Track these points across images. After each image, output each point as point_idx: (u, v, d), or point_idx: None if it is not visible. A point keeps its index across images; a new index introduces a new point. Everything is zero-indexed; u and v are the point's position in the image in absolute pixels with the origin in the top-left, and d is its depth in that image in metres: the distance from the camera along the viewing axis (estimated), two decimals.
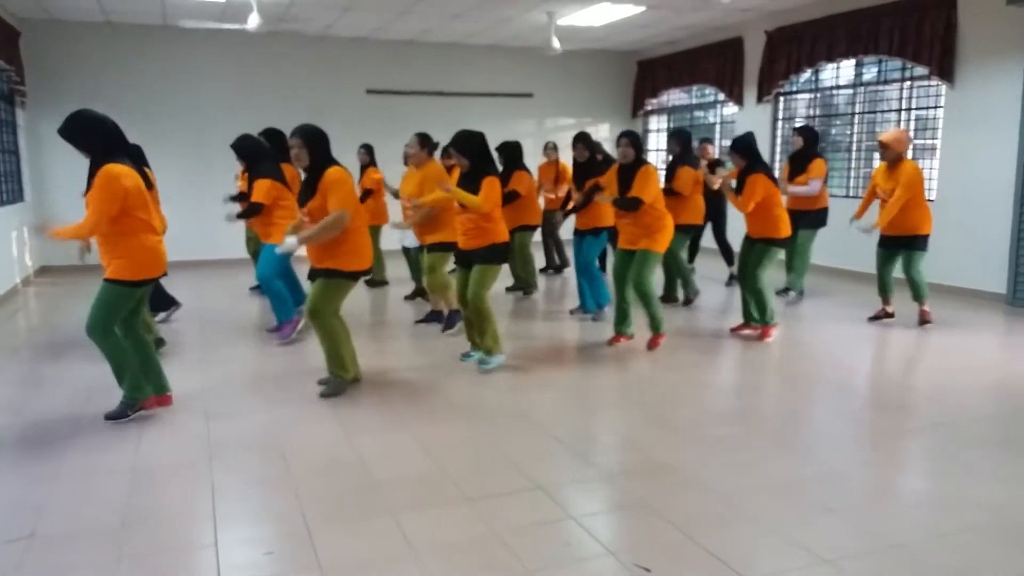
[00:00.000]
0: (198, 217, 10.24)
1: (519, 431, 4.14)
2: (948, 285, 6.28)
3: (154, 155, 10.60)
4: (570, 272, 9.10)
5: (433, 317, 6.77)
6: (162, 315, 6.87)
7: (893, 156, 6.34)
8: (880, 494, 3.39)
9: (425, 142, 6.37)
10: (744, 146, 6.05)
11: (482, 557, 2.81)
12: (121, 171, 3.94)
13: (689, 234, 7.45)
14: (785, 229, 6.05)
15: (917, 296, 6.53)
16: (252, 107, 10.59)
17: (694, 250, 8.60)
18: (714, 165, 8.45)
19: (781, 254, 6.37)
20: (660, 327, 5.82)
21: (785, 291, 7.81)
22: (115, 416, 4.25)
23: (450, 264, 6.12)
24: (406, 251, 7.78)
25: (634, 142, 5.69)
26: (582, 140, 6.73)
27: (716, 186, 6.94)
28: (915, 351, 5.92)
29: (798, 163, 7.65)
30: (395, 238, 8.22)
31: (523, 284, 8.13)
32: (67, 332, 6.42)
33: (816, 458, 3.78)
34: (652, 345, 5.81)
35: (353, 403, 4.61)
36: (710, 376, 5.32)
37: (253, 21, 8.53)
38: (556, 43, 9.99)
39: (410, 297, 7.96)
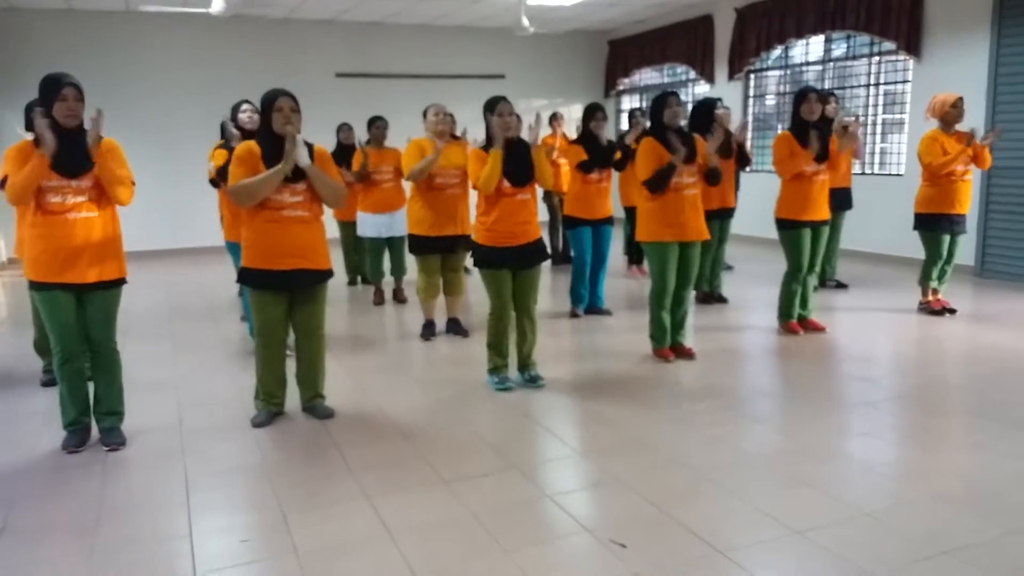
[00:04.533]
0: (167, 204, 10.12)
1: (493, 413, 4.15)
2: (917, 258, 6.40)
3: (121, 142, 10.53)
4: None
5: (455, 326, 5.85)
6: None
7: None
8: (850, 465, 3.44)
9: None
10: None
11: (459, 537, 2.82)
12: None
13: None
14: None
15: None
16: (219, 93, 10.38)
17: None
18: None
19: None
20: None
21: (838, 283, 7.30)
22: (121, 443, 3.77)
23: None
24: (389, 242, 6.77)
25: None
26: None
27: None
28: (885, 323, 5.98)
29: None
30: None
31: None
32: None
33: (787, 432, 3.82)
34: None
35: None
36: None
37: (217, 5, 8.39)
38: (526, 23, 9.92)
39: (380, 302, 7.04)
